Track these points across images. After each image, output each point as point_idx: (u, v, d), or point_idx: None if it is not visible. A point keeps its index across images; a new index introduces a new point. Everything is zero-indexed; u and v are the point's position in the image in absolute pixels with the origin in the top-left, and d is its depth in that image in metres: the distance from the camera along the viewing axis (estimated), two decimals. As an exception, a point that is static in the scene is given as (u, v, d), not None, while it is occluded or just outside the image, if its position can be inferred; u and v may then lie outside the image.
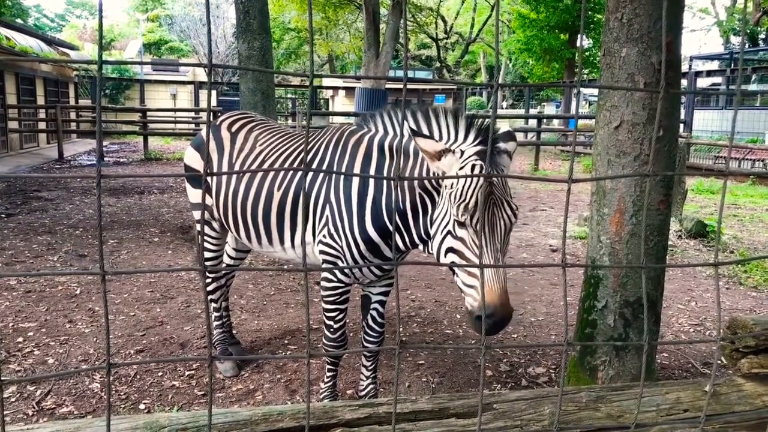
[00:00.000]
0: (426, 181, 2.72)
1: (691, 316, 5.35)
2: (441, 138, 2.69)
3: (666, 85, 3.05)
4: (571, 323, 4.01)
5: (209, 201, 3.71)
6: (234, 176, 3.47)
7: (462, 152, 2.51)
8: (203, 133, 3.77)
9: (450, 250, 2.52)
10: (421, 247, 2.90)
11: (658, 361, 4.28)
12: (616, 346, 3.29)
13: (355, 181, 2.99)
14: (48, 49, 20.87)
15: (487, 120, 2.72)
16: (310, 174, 3.16)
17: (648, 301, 3.28)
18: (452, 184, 2.49)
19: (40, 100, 19.49)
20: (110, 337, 4.48)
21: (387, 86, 18.23)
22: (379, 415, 1.46)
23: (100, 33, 0.99)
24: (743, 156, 16.49)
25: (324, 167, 3.11)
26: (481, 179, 2.39)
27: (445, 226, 2.55)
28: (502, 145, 2.62)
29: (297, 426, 1.38)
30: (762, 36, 33.54)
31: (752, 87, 23.31)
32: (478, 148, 2.52)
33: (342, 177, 3.03)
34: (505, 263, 2.41)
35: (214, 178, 3.59)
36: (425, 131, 2.74)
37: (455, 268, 2.50)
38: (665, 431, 1.53)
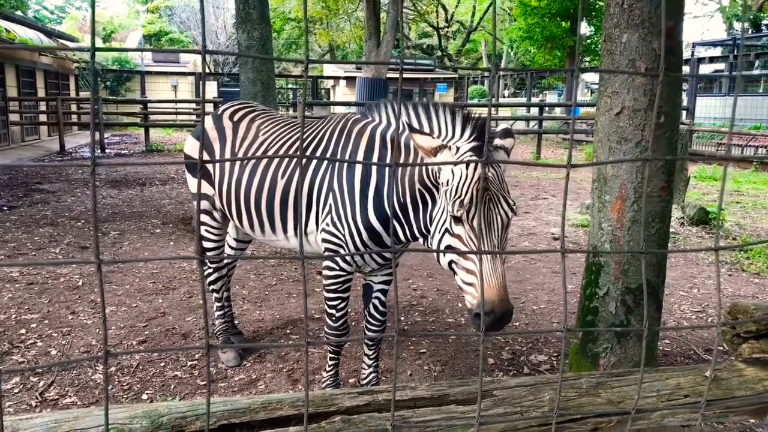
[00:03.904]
0: (426, 178, 2.71)
1: (694, 303, 5.34)
2: (439, 133, 2.68)
3: (665, 70, 3.03)
4: (573, 311, 4.01)
5: (211, 191, 3.70)
6: (237, 165, 3.47)
7: (458, 148, 2.51)
8: (204, 123, 3.76)
9: (448, 248, 2.51)
10: (421, 240, 2.90)
11: (660, 348, 4.28)
12: (617, 333, 3.28)
13: (358, 170, 2.99)
14: (48, 41, 20.81)
15: (484, 116, 2.70)
16: (314, 163, 3.15)
17: (650, 287, 3.27)
18: (448, 181, 2.49)
19: (41, 93, 19.49)
20: (112, 328, 4.50)
21: (388, 75, 18.15)
22: (378, 402, 1.45)
23: (93, 19, 0.98)
24: (746, 143, 16.43)
25: (327, 156, 3.10)
26: (476, 176, 2.38)
27: (443, 224, 2.55)
28: (498, 141, 2.60)
29: (296, 414, 1.38)
30: (765, 22, 33.31)
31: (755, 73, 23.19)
32: (474, 144, 2.51)
33: (345, 166, 3.03)
34: (503, 260, 2.40)
35: (217, 167, 3.59)
36: (425, 126, 2.73)
37: (454, 267, 2.49)
38: (666, 416, 1.52)
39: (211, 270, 4.08)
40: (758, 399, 1.53)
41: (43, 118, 18.60)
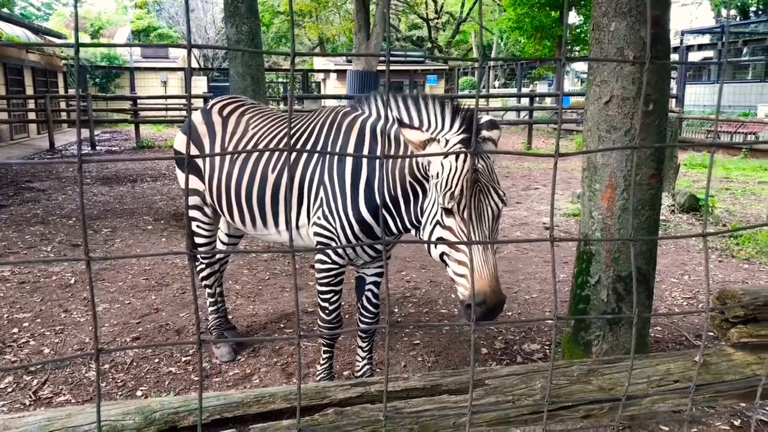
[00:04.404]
0: (416, 170, 2.73)
1: (685, 290, 5.38)
2: (429, 126, 2.69)
3: (653, 58, 3.04)
4: (565, 300, 4.03)
5: (201, 186, 3.69)
6: (227, 160, 3.46)
7: (447, 141, 2.53)
8: (194, 118, 3.75)
9: (439, 240, 2.52)
10: (413, 232, 2.91)
11: (652, 334, 4.31)
12: (609, 320, 3.31)
13: (349, 163, 2.99)
14: (35, 38, 20.64)
15: (473, 108, 2.71)
16: (304, 156, 3.15)
17: (640, 275, 3.29)
18: (438, 173, 2.50)
19: (29, 91, 19.32)
20: (105, 325, 4.49)
21: (379, 68, 18.11)
22: (371, 393, 1.46)
23: (76, 13, 0.97)
24: (735, 129, 16.50)
25: (318, 149, 3.10)
26: (466, 168, 2.39)
27: (434, 217, 2.57)
28: (485, 133, 2.62)
29: (289, 407, 1.38)
30: (753, 8, 33.40)
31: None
32: (462, 136, 2.52)
33: (336, 159, 3.04)
34: (495, 251, 2.42)
35: (207, 163, 3.58)
36: (414, 118, 2.74)
37: (446, 259, 2.51)
38: (656, 402, 1.54)
39: (203, 265, 4.08)
40: (747, 383, 1.54)
41: (31, 116, 18.45)
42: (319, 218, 3.08)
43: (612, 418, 1.53)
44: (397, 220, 2.91)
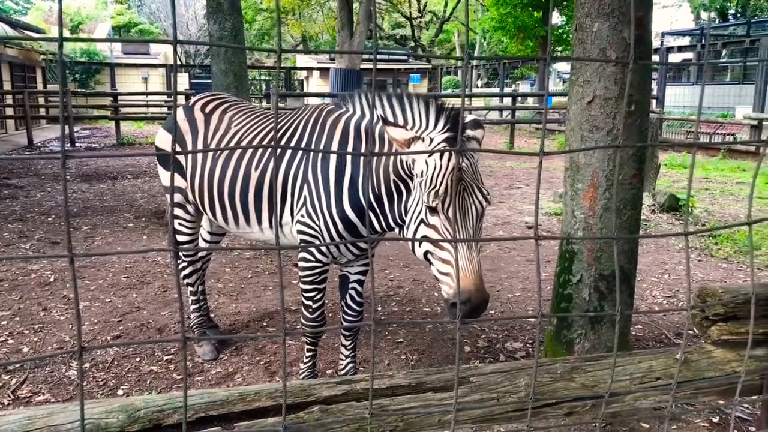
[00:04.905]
0: (400, 168, 2.73)
1: (665, 289, 5.44)
2: (413, 124, 2.70)
3: (635, 58, 3.07)
4: (548, 298, 4.06)
5: (183, 184, 3.66)
6: (209, 158, 3.43)
7: (431, 140, 2.54)
8: (176, 114, 3.72)
9: (424, 238, 2.53)
10: (397, 230, 2.92)
11: (633, 333, 4.36)
12: (591, 319, 3.33)
13: (333, 160, 2.99)
14: (13, 33, 20.32)
15: (457, 107, 2.73)
16: (288, 154, 3.14)
17: (622, 273, 3.33)
18: (422, 172, 2.51)
19: (7, 86, 19.02)
20: (86, 324, 4.44)
21: (362, 66, 18.09)
22: (356, 391, 1.46)
23: (60, 7, 0.96)
24: (714, 131, 16.70)
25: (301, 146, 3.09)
26: (451, 167, 2.40)
27: (418, 215, 2.58)
28: (470, 132, 2.64)
29: (274, 405, 1.38)
30: (732, 11, 33.86)
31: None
32: (447, 135, 2.54)
33: (320, 157, 3.03)
34: (479, 250, 2.43)
35: (189, 160, 3.55)
36: (398, 117, 2.75)
37: (430, 257, 2.52)
38: (638, 399, 1.55)
39: (185, 263, 4.05)
40: (727, 380, 1.57)
41: (9, 111, 18.17)
42: (302, 216, 3.07)
43: (595, 416, 1.54)
44: (381, 218, 2.91)
